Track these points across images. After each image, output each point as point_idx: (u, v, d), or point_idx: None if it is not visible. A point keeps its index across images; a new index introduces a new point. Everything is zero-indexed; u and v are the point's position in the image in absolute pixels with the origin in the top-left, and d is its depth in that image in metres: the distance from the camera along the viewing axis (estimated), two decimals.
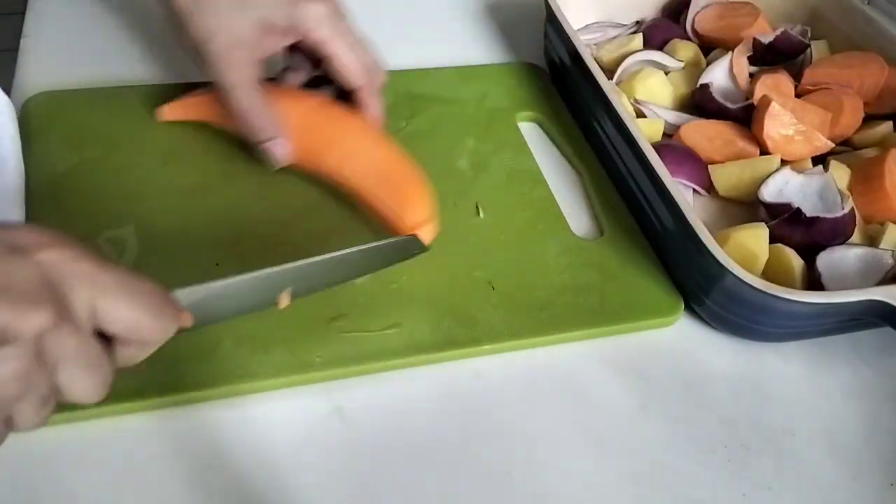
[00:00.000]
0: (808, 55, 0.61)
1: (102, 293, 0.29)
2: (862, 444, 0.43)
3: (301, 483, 0.37)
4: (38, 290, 0.27)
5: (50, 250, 0.28)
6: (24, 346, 0.26)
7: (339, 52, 0.47)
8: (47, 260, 0.28)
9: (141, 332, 0.30)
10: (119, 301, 0.29)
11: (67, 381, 0.28)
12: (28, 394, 0.27)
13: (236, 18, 0.44)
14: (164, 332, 0.31)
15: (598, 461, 0.40)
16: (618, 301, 0.46)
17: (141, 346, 0.31)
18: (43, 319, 0.26)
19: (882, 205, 0.50)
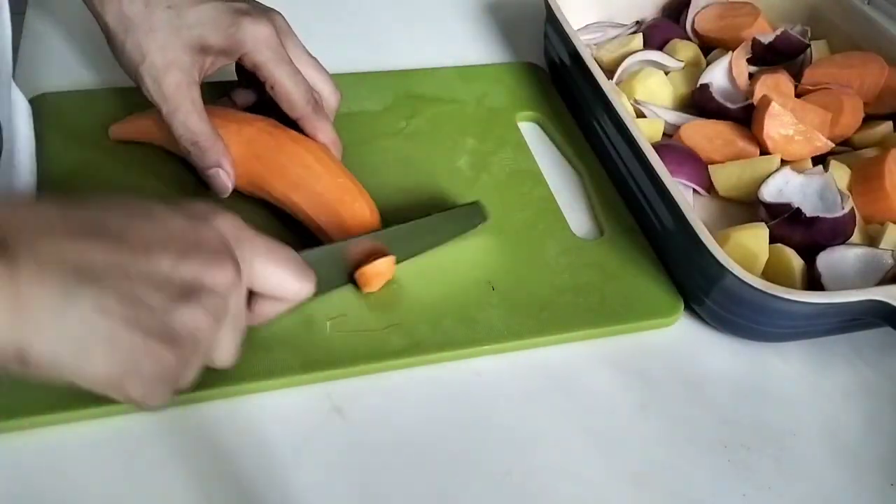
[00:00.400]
0: (808, 55, 0.60)
1: (259, 256, 0.33)
2: (862, 444, 0.43)
3: (301, 483, 0.37)
4: (224, 249, 0.31)
5: (222, 218, 0.32)
6: (217, 295, 0.30)
7: (279, 78, 0.45)
8: (222, 225, 0.32)
9: (286, 290, 0.35)
10: (270, 263, 0.34)
11: (220, 340, 0.31)
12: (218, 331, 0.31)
13: (170, 39, 0.43)
14: (304, 290, 0.35)
15: (598, 461, 0.40)
16: (618, 301, 0.46)
17: (279, 303, 0.35)
18: (231, 275, 0.31)
19: (882, 205, 0.50)
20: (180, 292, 0.29)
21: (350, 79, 0.57)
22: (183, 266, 0.29)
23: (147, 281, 0.28)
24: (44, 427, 0.37)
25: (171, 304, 0.28)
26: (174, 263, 0.29)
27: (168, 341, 0.28)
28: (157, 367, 0.28)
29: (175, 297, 0.28)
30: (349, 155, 0.50)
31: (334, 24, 0.65)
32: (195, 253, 0.30)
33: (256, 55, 0.44)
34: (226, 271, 0.30)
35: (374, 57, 0.62)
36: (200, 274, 0.29)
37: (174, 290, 0.29)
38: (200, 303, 0.29)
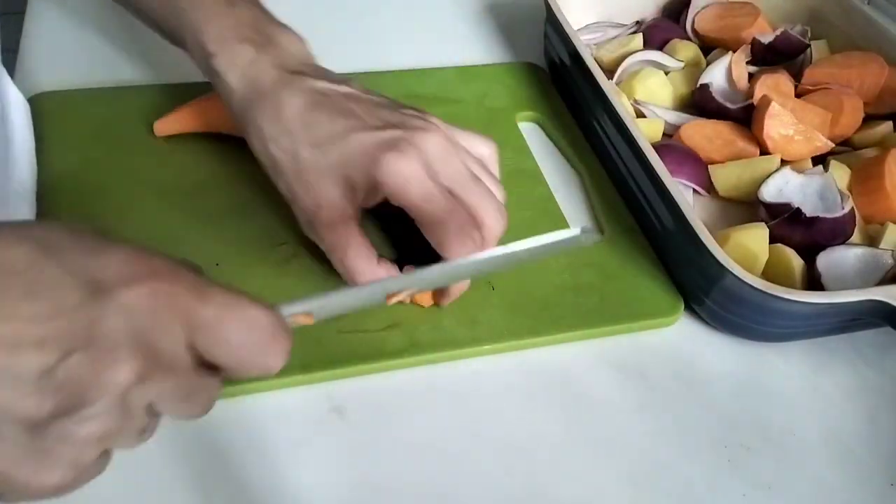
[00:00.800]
0: (808, 55, 0.60)
1: (201, 331, 0.26)
2: (862, 444, 0.43)
3: (301, 483, 0.37)
4: (123, 342, 0.24)
5: (139, 287, 0.25)
6: (107, 405, 0.24)
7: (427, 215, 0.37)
8: (135, 302, 0.25)
9: (246, 367, 0.28)
10: (220, 338, 0.27)
11: (171, 410, 0.27)
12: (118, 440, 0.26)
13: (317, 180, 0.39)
14: (269, 367, 0.28)
15: (598, 461, 0.39)
16: (618, 301, 0.46)
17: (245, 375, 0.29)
18: (125, 377, 0.24)
19: (882, 205, 0.50)
20: (56, 403, 0.23)
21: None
22: (62, 367, 0.23)
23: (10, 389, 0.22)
24: None
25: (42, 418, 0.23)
26: (51, 364, 0.23)
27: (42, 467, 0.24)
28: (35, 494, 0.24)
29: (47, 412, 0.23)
30: None
31: (334, 24, 0.65)
32: (81, 349, 0.23)
33: (401, 198, 0.37)
34: (121, 370, 0.24)
35: (374, 57, 0.62)
36: (84, 377, 0.23)
37: (45, 402, 0.23)
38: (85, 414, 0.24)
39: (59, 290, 0.24)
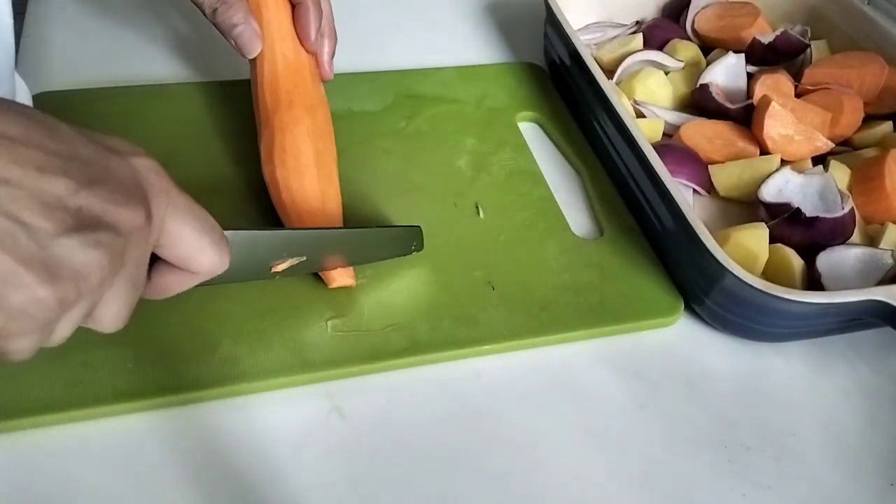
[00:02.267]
0: (808, 55, 0.61)
1: (176, 213, 0.29)
2: (862, 444, 0.43)
3: (300, 483, 0.37)
4: (134, 188, 0.27)
5: (142, 157, 0.28)
6: (116, 237, 0.26)
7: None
8: (143, 166, 0.28)
9: (198, 260, 0.30)
10: (186, 225, 0.29)
11: (109, 298, 0.27)
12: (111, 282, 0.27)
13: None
14: (217, 266, 0.31)
15: (598, 461, 0.39)
16: (618, 301, 0.46)
17: (185, 277, 0.31)
18: (139, 217, 0.26)
19: (882, 205, 0.50)
20: (73, 223, 0.24)
21: (350, 79, 0.57)
22: (82, 194, 0.25)
23: (35, 199, 0.24)
24: (44, 427, 0.37)
25: (58, 233, 0.24)
26: (72, 189, 0.24)
27: (45, 274, 0.24)
28: (25, 302, 0.24)
29: (65, 227, 0.24)
30: (349, 155, 0.50)
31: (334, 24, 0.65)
32: (100, 183, 0.25)
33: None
34: (133, 212, 0.26)
35: (374, 57, 0.62)
36: (102, 207, 0.25)
37: (66, 219, 0.24)
38: (96, 239, 0.25)
39: (76, 141, 0.26)
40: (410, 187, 0.51)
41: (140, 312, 0.41)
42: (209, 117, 0.53)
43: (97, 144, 0.26)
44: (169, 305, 0.42)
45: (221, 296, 0.42)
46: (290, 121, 0.46)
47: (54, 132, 0.25)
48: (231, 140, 0.52)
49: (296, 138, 0.45)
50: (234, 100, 0.54)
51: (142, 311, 0.41)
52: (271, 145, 0.45)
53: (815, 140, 0.53)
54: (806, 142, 0.53)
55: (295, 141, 0.45)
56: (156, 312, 0.41)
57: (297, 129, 0.45)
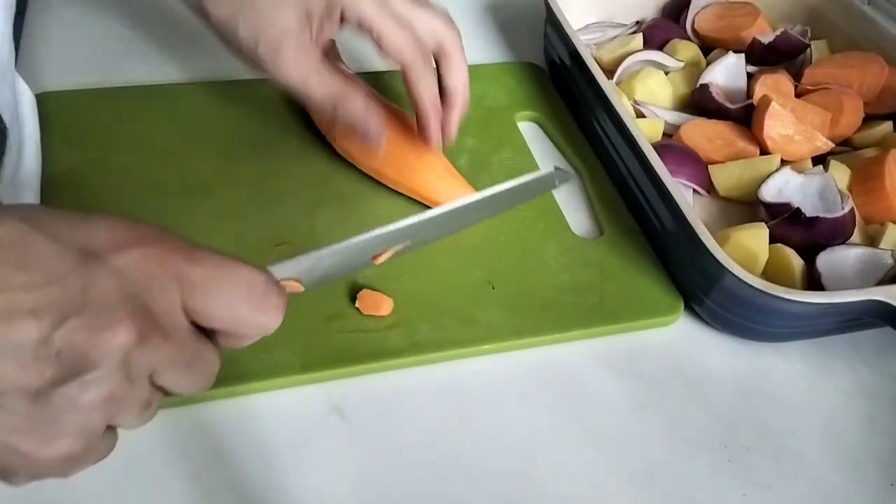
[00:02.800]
0: (808, 55, 0.61)
1: (193, 292, 0.26)
2: (862, 444, 0.43)
3: (301, 483, 0.37)
4: (118, 304, 0.24)
5: (129, 252, 0.25)
6: (109, 368, 0.24)
7: (383, 28, 0.43)
8: (126, 265, 0.25)
9: (241, 327, 0.28)
10: (212, 299, 0.26)
11: (170, 383, 0.26)
12: (122, 409, 0.25)
13: (276, 15, 0.42)
14: (266, 324, 0.28)
15: (598, 461, 0.39)
16: (617, 301, 0.46)
17: (243, 338, 0.29)
18: (124, 338, 0.24)
19: (882, 205, 0.50)
20: (54, 373, 0.23)
21: None
22: (58, 333, 0.23)
23: (6, 358, 0.22)
24: None
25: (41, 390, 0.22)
26: (45, 331, 0.22)
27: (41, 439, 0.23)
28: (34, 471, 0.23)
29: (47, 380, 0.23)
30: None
31: None
32: (77, 313, 0.23)
33: (356, 6, 0.43)
34: (120, 333, 0.24)
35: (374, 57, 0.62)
36: (83, 342, 0.23)
37: (45, 371, 0.23)
38: (82, 384, 0.23)
39: (49, 259, 0.23)
40: None
41: None
42: (209, 117, 0.53)
43: (74, 254, 0.24)
44: None
45: None
46: None
47: (25, 254, 0.23)
48: (230, 140, 0.52)
49: None
50: (233, 100, 0.54)
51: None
52: None
53: (815, 140, 0.53)
54: (806, 142, 0.53)
55: None
56: None
57: None
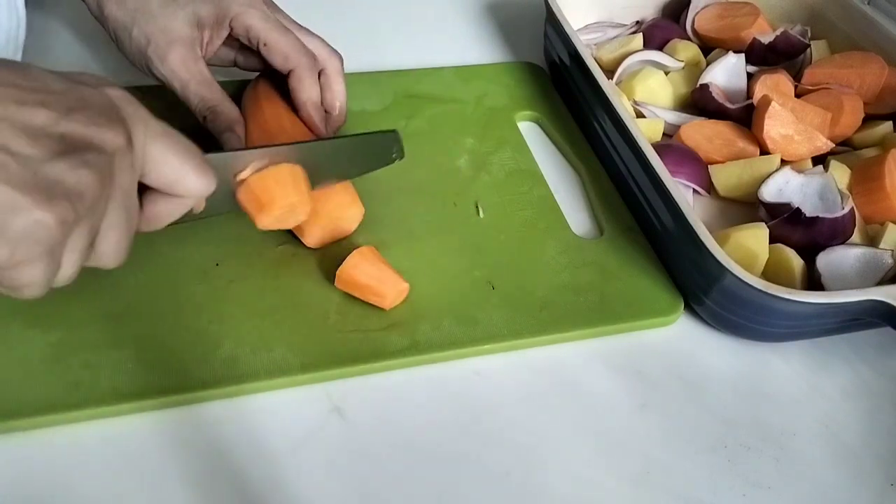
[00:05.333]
0: (808, 55, 0.61)
1: (154, 139, 0.29)
2: (861, 444, 0.43)
3: (301, 483, 0.37)
4: (112, 113, 0.28)
5: (114, 88, 0.29)
6: (103, 158, 0.27)
7: (269, 33, 0.47)
8: (113, 94, 0.29)
9: (183, 184, 0.31)
10: (168, 149, 0.30)
11: (107, 227, 0.28)
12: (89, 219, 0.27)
13: (168, 21, 0.46)
14: (204, 188, 0.32)
15: (598, 461, 0.40)
16: (617, 300, 0.46)
17: (175, 202, 0.32)
18: (121, 138, 0.27)
19: (882, 205, 0.50)
20: (59, 147, 0.26)
21: (350, 79, 0.57)
22: (64, 121, 0.26)
23: (19, 130, 0.25)
24: (44, 428, 0.37)
25: (46, 157, 0.25)
26: (53, 118, 0.26)
27: (41, 197, 0.25)
28: (27, 226, 0.25)
29: (52, 151, 0.25)
30: None
31: (334, 24, 0.65)
32: (79, 111, 0.27)
33: (244, 17, 0.47)
34: (115, 133, 0.27)
35: (374, 57, 0.62)
36: (85, 131, 0.26)
37: (52, 145, 0.25)
38: (83, 160, 0.26)
39: (47, 77, 0.27)
40: (410, 187, 0.51)
41: (141, 313, 0.41)
42: None
43: (69, 79, 0.28)
44: (169, 306, 0.42)
45: (222, 296, 0.43)
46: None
47: (26, 72, 0.26)
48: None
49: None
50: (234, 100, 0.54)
51: (142, 311, 0.41)
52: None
53: (815, 140, 0.53)
54: (806, 142, 0.53)
55: None
56: (156, 313, 0.41)
57: None
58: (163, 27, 0.46)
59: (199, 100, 0.46)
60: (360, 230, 0.47)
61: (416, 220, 0.49)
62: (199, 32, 0.47)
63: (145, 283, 0.43)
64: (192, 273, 0.44)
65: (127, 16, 0.46)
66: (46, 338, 0.39)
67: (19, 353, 0.38)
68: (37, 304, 0.41)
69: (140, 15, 0.46)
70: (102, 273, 0.43)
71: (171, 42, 0.46)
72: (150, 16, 0.46)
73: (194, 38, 0.47)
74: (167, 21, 0.46)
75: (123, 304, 0.41)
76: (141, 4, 0.46)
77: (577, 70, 0.56)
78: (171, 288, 0.43)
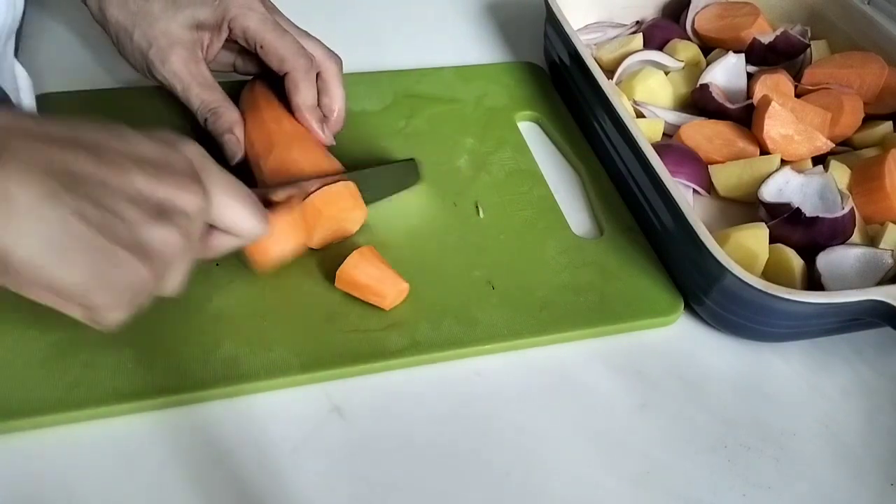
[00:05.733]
0: (808, 55, 0.61)
1: (220, 188, 0.33)
2: (861, 444, 0.43)
3: (301, 483, 0.37)
4: (192, 174, 0.32)
5: (188, 146, 0.33)
6: (188, 220, 0.31)
7: (266, 35, 0.47)
8: (190, 153, 0.32)
9: (241, 226, 0.35)
10: (232, 198, 0.34)
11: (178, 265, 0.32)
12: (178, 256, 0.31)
13: (169, 24, 0.47)
14: (260, 231, 0.36)
15: (598, 461, 0.40)
16: (617, 300, 0.46)
17: (233, 239, 0.36)
18: (200, 200, 0.31)
19: (882, 205, 0.50)
20: (154, 210, 0.29)
21: (350, 79, 0.57)
22: (157, 186, 0.30)
23: (123, 195, 0.29)
24: (44, 428, 0.37)
25: (144, 220, 0.29)
26: (148, 182, 0.29)
27: (139, 254, 0.29)
28: (125, 279, 0.29)
29: (149, 215, 0.29)
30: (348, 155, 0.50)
31: (334, 24, 0.65)
32: (168, 175, 0.30)
33: (242, 19, 0.47)
34: (196, 195, 0.31)
35: (374, 57, 0.62)
36: (173, 195, 0.30)
37: (148, 208, 0.29)
38: (173, 222, 0.30)
39: (139, 141, 0.30)
40: None
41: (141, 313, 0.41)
42: None
43: (154, 141, 0.31)
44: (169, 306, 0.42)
45: (222, 296, 0.43)
46: None
47: (122, 137, 0.30)
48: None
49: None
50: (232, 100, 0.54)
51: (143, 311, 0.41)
52: None
53: (815, 140, 0.53)
54: (806, 142, 0.53)
55: None
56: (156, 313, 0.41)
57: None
58: (164, 30, 0.46)
59: (201, 102, 0.47)
60: (361, 230, 0.47)
61: (416, 220, 0.49)
62: (200, 35, 0.48)
63: None
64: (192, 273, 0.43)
65: (128, 19, 0.47)
66: (46, 338, 0.39)
67: (19, 353, 0.38)
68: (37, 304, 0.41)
69: (141, 18, 0.47)
70: None
71: (172, 44, 0.46)
72: (151, 19, 0.47)
73: (195, 41, 0.47)
74: (168, 24, 0.46)
75: None
76: (142, 7, 0.47)
77: (577, 70, 0.56)
78: None
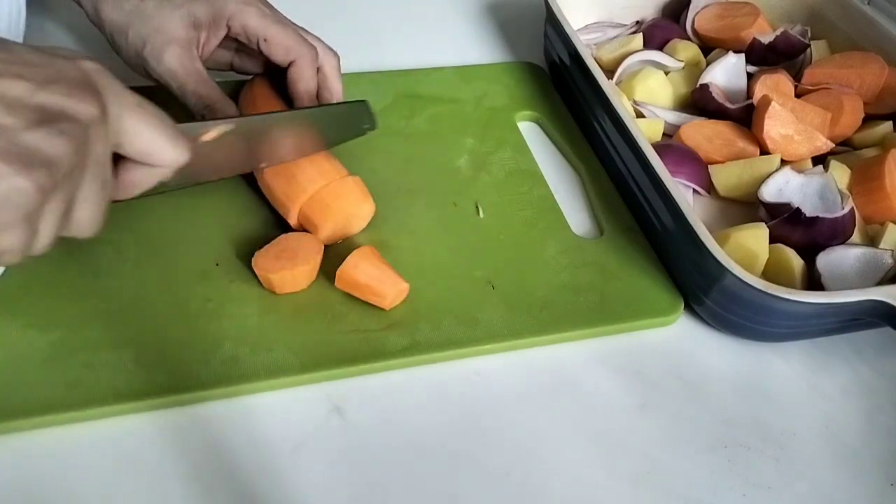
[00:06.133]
0: (808, 55, 0.61)
1: (128, 110, 0.30)
2: (861, 444, 0.43)
3: (301, 483, 0.37)
4: (87, 85, 0.29)
5: (89, 61, 0.30)
6: (78, 128, 0.28)
7: (271, 30, 0.47)
8: (87, 67, 0.30)
9: (157, 154, 0.32)
10: (141, 121, 0.31)
11: (82, 196, 0.29)
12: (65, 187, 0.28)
13: (164, 22, 0.46)
14: (177, 157, 0.33)
15: (598, 461, 0.40)
16: (617, 300, 0.46)
17: (149, 170, 0.33)
18: (95, 109, 0.28)
19: (882, 205, 0.50)
20: (36, 118, 0.27)
21: (350, 79, 0.57)
22: (40, 93, 0.27)
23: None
24: (44, 428, 0.37)
25: (24, 127, 0.26)
26: (30, 89, 0.27)
27: (19, 164, 0.26)
28: (6, 191, 0.25)
29: (30, 122, 0.26)
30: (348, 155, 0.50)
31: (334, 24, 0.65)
32: (55, 82, 0.28)
33: (241, 16, 0.47)
34: (90, 105, 0.28)
35: (374, 57, 0.62)
36: (61, 102, 0.27)
37: (29, 115, 0.27)
38: (59, 129, 0.27)
39: (24, 51, 0.28)
40: (410, 187, 0.51)
41: (141, 313, 0.41)
42: None
43: (45, 53, 0.29)
44: (169, 306, 0.42)
45: (222, 296, 0.43)
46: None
47: (2, 46, 0.28)
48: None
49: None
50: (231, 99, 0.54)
51: (142, 311, 0.41)
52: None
53: (815, 140, 0.53)
54: (806, 142, 0.53)
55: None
56: (156, 313, 0.41)
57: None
58: (158, 28, 0.46)
59: (197, 99, 0.46)
60: (361, 230, 0.47)
61: (417, 220, 0.49)
62: (196, 32, 0.47)
63: (145, 283, 0.43)
64: (192, 273, 0.44)
65: (123, 18, 0.47)
66: (46, 338, 0.39)
67: (19, 353, 0.38)
68: (37, 304, 0.41)
69: (136, 17, 0.46)
70: (102, 273, 0.43)
71: (167, 42, 0.46)
72: (145, 17, 0.46)
73: (191, 39, 0.47)
74: (163, 22, 0.46)
75: (123, 304, 0.41)
76: (136, 6, 0.46)
77: (577, 70, 0.56)
78: (171, 288, 0.43)
